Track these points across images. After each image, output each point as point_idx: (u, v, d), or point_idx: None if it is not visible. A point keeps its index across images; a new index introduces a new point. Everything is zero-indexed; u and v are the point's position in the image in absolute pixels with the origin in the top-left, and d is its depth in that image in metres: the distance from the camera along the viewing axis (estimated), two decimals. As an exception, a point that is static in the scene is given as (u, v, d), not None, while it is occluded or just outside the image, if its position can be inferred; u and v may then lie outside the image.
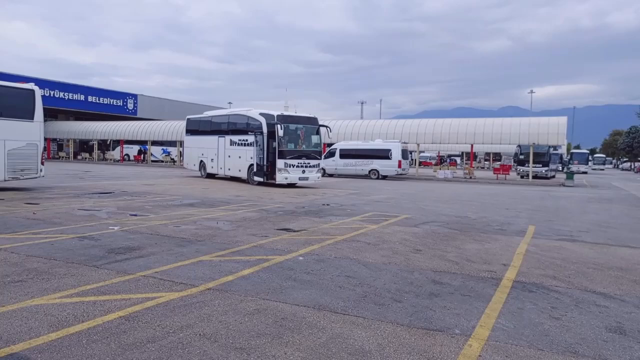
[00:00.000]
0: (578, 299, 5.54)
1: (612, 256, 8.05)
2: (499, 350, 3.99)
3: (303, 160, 20.97)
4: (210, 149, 25.20)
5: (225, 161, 23.98)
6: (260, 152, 21.10)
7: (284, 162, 20.35)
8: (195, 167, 27.29)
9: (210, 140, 25.11)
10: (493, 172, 38.31)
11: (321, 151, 22.54)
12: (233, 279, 5.88)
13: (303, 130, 21.06)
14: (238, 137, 22.83)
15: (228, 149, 23.65)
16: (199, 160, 26.70)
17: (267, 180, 20.88)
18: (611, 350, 4.08)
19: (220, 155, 24.37)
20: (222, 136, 24.21)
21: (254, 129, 21.52)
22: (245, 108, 23.66)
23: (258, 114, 21.35)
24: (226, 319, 4.49)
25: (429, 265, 6.96)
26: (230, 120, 24.16)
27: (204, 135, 25.95)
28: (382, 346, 3.99)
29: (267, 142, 20.58)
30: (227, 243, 8.09)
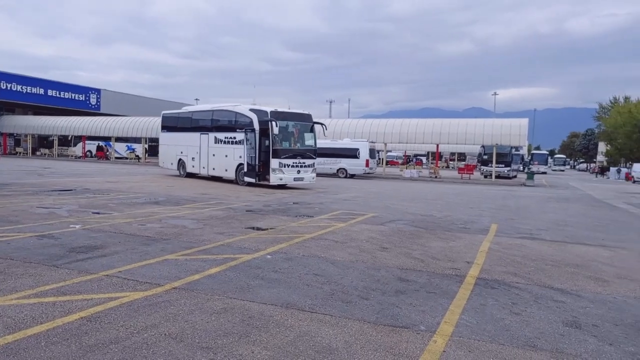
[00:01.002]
0: (537, 294, 5.74)
1: (569, 253, 8.38)
2: (462, 346, 4.09)
3: (298, 159, 19.60)
4: (191, 147, 23.59)
5: (209, 160, 22.43)
6: (251, 150, 19.68)
7: (279, 162, 18.88)
8: (172, 166, 25.64)
9: (191, 137, 23.62)
10: (458, 172, 39.17)
11: (316, 150, 21.19)
12: (199, 277, 5.80)
13: (298, 128, 19.81)
14: (224, 134, 21.38)
15: (212, 147, 22.12)
16: (178, 159, 25.07)
17: (259, 181, 19.56)
18: (567, 344, 4.25)
19: (203, 153, 22.80)
20: (205, 133, 22.67)
21: (243, 126, 20.09)
22: (232, 103, 22.19)
23: (248, 110, 20.05)
24: (192, 319, 4.43)
25: (395, 263, 7.07)
26: (214, 116, 22.62)
27: (184, 132, 24.49)
28: (349, 343, 4.03)
29: (259, 140, 19.22)
30: (194, 242, 7.98)
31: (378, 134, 35.99)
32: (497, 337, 4.32)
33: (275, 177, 19.01)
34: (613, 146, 68.11)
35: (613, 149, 68.49)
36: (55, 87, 51.81)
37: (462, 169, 37.89)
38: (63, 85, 52.83)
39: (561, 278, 6.58)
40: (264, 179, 19.33)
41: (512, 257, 7.79)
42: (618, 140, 64.50)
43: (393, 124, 36.68)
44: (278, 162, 18.91)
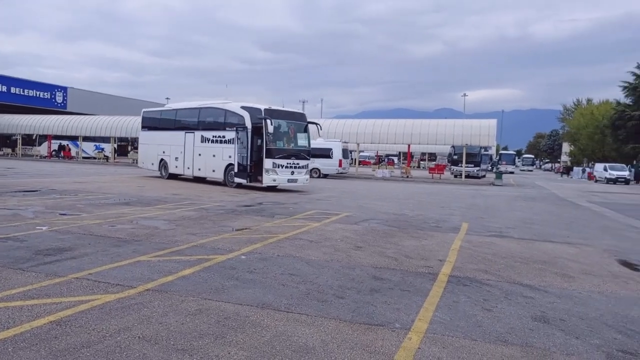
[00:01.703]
0: (507, 291, 5.89)
1: (536, 251, 8.63)
2: (436, 342, 4.17)
3: (292, 160, 18.65)
4: (175, 147, 22.43)
5: (195, 160, 21.36)
6: (242, 150, 18.71)
7: (272, 162, 17.93)
8: (153, 166, 24.35)
9: (175, 136, 22.51)
10: (428, 172, 39.78)
11: (310, 150, 20.25)
12: (173, 279, 5.72)
13: (292, 127, 18.91)
14: (212, 133, 20.31)
15: (198, 146, 21.05)
16: (159, 159, 23.77)
17: (250, 182, 18.67)
18: (536, 338, 4.38)
19: (188, 153, 21.71)
20: (190, 132, 21.63)
21: (233, 125, 19.13)
22: (220, 100, 21.29)
23: (239, 108, 19.14)
24: (167, 320, 4.37)
25: (369, 261, 7.13)
26: (201, 114, 21.55)
27: (166, 131, 23.38)
28: (325, 342, 4.05)
29: (251, 139, 18.31)
30: (166, 243, 7.86)
31: (351, 134, 36.21)
32: (470, 333, 4.42)
33: (269, 178, 18.09)
34: (576, 147, 70.50)
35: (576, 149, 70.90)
36: (19, 84, 50.13)
37: (433, 168, 38.52)
38: (27, 83, 51.16)
39: (530, 275, 6.77)
40: (255, 180, 18.49)
41: (483, 255, 7.97)
42: (581, 141, 66.81)
43: (365, 124, 36.98)
44: (272, 163, 17.96)
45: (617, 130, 52.41)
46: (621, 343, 4.34)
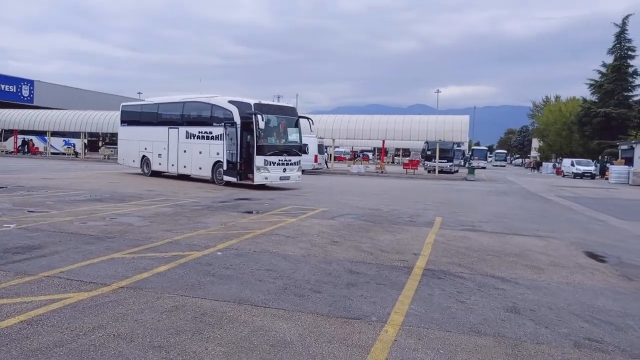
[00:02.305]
0: (480, 283, 6.03)
1: (508, 244, 8.85)
2: (412, 334, 4.25)
3: (284, 156, 17.97)
4: (158, 143, 21.47)
5: (180, 157, 20.46)
6: (232, 147, 17.85)
7: (264, 159, 17.18)
8: (135, 163, 23.37)
9: (157, 132, 21.51)
10: (403, 167, 40.21)
11: (302, 146, 19.77)
12: (148, 276, 5.65)
13: (283, 122, 18.14)
14: (198, 128, 19.48)
15: (183, 142, 20.13)
16: (141, 156, 22.75)
17: (240, 180, 17.82)
18: (508, 328, 4.51)
19: (172, 150, 20.76)
20: (174, 127, 20.70)
21: (221, 120, 18.31)
22: (207, 94, 20.48)
23: (227, 102, 18.31)
24: (142, 318, 4.32)
25: (345, 256, 7.19)
26: (186, 108, 20.64)
27: (148, 126, 22.31)
28: (303, 336, 4.08)
29: (240, 135, 17.49)
30: (140, 239, 7.74)
31: (326, 130, 36.22)
32: (445, 325, 4.52)
33: (260, 176, 17.30)
34: (545, 142, 72.34)
35: (545, 145, 72.75)
36: (-18, 77, 48.31)
37: (407, 164, 38.95)
38: (-9, 76, 49.34)
39: (501, 267, 6.94)
40: (246, 178, 17.67)
41: (457, 249, 8.13)
42: (550, 136, 68.58)
43: (341, 120, 37.07)
44: (263, 160, 17.19)
45: (583, 127, 54.07)
46: (587, 331, 4.51)
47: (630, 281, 6.48)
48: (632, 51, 52.86)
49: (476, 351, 3.95)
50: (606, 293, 5.82)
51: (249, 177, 17.51)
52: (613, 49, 53.35)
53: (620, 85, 51.98)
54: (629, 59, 52.81)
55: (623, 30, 52.50)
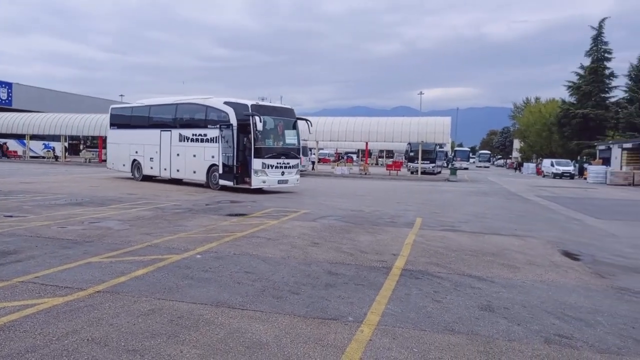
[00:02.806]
0: (457, 282, 6.13)
1: (486, 243, 8.99)
2: (387, 334, 4.30)
3: (282, 159, 17.36)
4: (149, 146, 20.84)
5: (173, 161, 19.80)
6: (228, 149, 17.24)
7: (262, 162, 16.64)
8: (125, 167, 22.64)
9: (149, 134, 20.87)
10: (386, 169, 40.45)
11: (300, 149, 19.25)
12: (125, 280, 5.62)
13: (281, 124, 17.63)
14: (192, 131, 18.89)
15: (176, 145, 19.49)
16: (132, 160, 22.07)
17: (237, 184, 17.17)
18: (482, 326, 4.60)
19: (164, 153, 20.13)
20: (166, 130, 20.07)
21: (216, 122, 17.79)
22: (201, 96, 19.80)
23: (222, 103, 17.74)
24: (117, 322, 4.30)
25: (325, 257, 7.23)
26: (179, 110, 20.06)
27: (139, 129, 21.68)
28: (279, 337, 4.10)
29: (236, 137, 16.90)
30: (119, 243, 7.68)
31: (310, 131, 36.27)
32: (420, 324, 4.59)
33: (258, 180, 16.73)
34: (526, 143, 73.46)
35: (526, 145, 73.88)
36: (-42, 79, 47.26)
37: (390, 165, 39.23)
38: (-33, 78, 48.27)
39: (478, 266, 7.06)
40: (242, 181, 17.09)
41: (435, 249, 8.23)
42: (530, 137, 69.68)
43: (325, 122, 37.14)
44: (261, 163, 16.63)
45: (562, 128, 55.06)
46: (558, 328, 4.62)
47: (602, 279, 6.64)
48: (608, 54, 54.02)
49: (449, 349, 4.02)
50: (578, 290, 5.96)
51: (246, 180, 16.99)
52: (590, 51, 54.45)
53: (598, 87, 53.04)
54: (606, 61, 53.95)
55: (600, 33, 53.62)
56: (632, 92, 49.01)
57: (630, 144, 39.73)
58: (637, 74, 49.43)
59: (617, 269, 7.31)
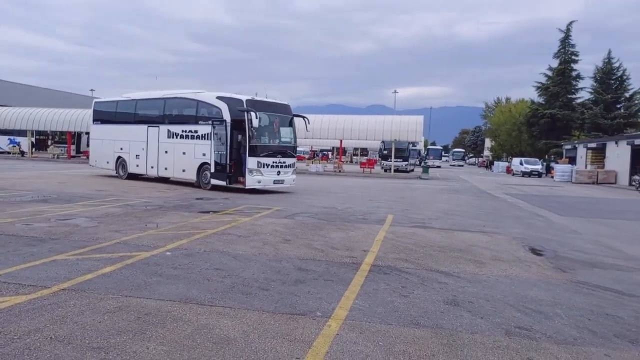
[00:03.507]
0: (424, 278, 6.26)
1: (455, 239, 9.19)
2: (354, 328, 4.38)
3: (279, 158, 16.63)
4: (135, 142, 19.82)
5: (160, 158, 18.82)
6: (220, 147, 16.35)
7: (257, 161, 15.86)
8: (109, 165, 21.57)
9: (135, 130, 19.81)
10: (360, 166, 40.74)
11: (296, 147, 18.59)
12: (92, 277, 5.54)
13: (277, 121, 16.89)
14: (182, 127, 17.95)
15: (165, 142, 18.55)
16: (116, 157, 21.00)
17: (230, 184, 16.32)
18: (446, 320, 4.72)
19: (151, 150, 19.15)
20: (154, 126, 19.05)
21: (208, 118, 16.84)
22: (191, 90, 18.85)
23: (215, 98, 16.82)
24: (82, 320, 4.24)
25: (296, 254, 7.28)
26: (167, 105, 19.03)
27: (125, 125, 20.62)
28: (246, 333, 4.13)
29: (230, 134, 16.04)
30: (87, 240, 7.55)
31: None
32: (387, 318, 4.68)
33: (253, 180, 15.94)
34: (497, 142, 75.08)
35: (497, 144, 75.50)
36: None
37: (364, 163, 39.53)
38: None
39: (446, 262, 7.22)
40: (236, 181, 16.29)
41: (405, 245, 8.38)
42: (501, 136, 71.27)
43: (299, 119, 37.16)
44: (256, 162, 15.83)
45: (531, 127, 56.57)
46: (519, 320, 4.79)
47: (563, 273, 6.89)
48: (575, 56, 55.73)
49: (414, 342, 4.12)
50: (540, 284, 6.17)
51: (240, 180, 16.18)
52: (558, 53, 56.05)
53: (565, 88, 54.67)
54: (573, 63, 55.65)
55: (567, 35, 55.25)
56: (597, 94, 50.72)
57: (595, 143, 41.12)
58: (601, 76, 51.16)
59: (577, 263, 7.59)
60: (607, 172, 36.21)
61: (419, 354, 3.87)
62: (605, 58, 51.60)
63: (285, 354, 3.74)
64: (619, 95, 50.66)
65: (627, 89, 51.27)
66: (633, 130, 46.60)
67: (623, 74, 50.94)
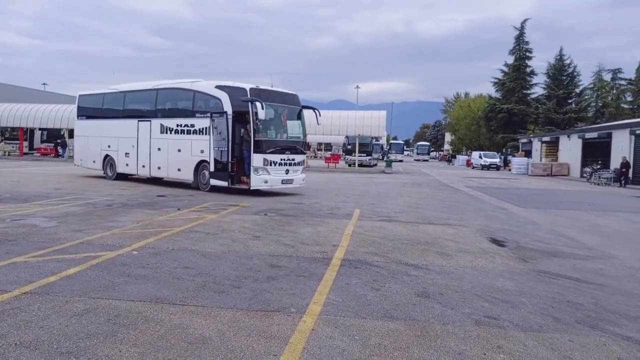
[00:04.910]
0: (394, 271, 6.36)
1: (421, 232, 9.38)
2: (329, 323, 4.41)
3: (287, 155, 14.85)
4: (125, 139, 18.09)
5: (153, 156, 17.06)
6: (221, 143, 14.62)
7: (263, 158, 14.11)
8: (96, 164, 19.81)
9: (124, 125, 18.13)
10: (325, 161, 40.88)
11: (305, 142, 16.77)
12: (56, 279, 5.33)
13: (285, 112, 15.15)
14: (176, 121, 16.16)
15: (157, 138, 16.82)
16: (103, 155, 19.25)
17: (232, 185, 14.64)
18: (418, 312, 4.82)
19: (143, 147, 17.38)
20: (145, 120, 17.33)
21: (206, 110, 15.17)
22: (188, 79, 16.79)
23: (214, 88, 15.08)
24: (48, 324, 4.08)
25: (267, 250, 7.24)
26: (160, 96, 17.15)
27: (112, 119, 18.98)
28: (221, 332, 4.08)
29: (232, 128, 14.38)
30: (47, 241, 7.25)
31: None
32: (360, 312, 4.73)
33: (258, 180, 14.20)
34: (456, 136, 76.97)
35: (456, 138, 77.41)
36: None
37: (329, 158, 39.68)
38: None
39: (414, 255, 7.36)
40: (239, 181, 14.67)
41: (373, 239, 8.48)
42: (460, 131, 73.10)
43: (262, 114, 36.89)
44: (262, 159, 14.08)
45: (489, 122, 58.30)
46: (487, 310, 4.94)
47: (525, 263, 7.16)
48: (529, 52, 57.71)
49: (388, 335, 4.19)
50: (504, 275, 6.39)
51: (244, 180, 14.54)
52: (513, 50, 57.91)
53: (520, 83, 56.59)
54: (527, 59, 57.63)
55: (522, 33, 57.11)
56: (550, 90, 52.81)
57: (549, 137, 42.82)
58: (554, 72, 53.27)
59: (538, 253, 7.90)
60: (560, 164, 37.79)
61: (394, 346, 3.94)
62: (557, 55, 53.79)
63: (262, 351, 3.73)
64: (570, 91, 52.95)
65: (578, 85, 53.71)
66: (583, 124, 48.84)
67: (574, 71, 53.31)
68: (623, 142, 29.77)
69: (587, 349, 4.07)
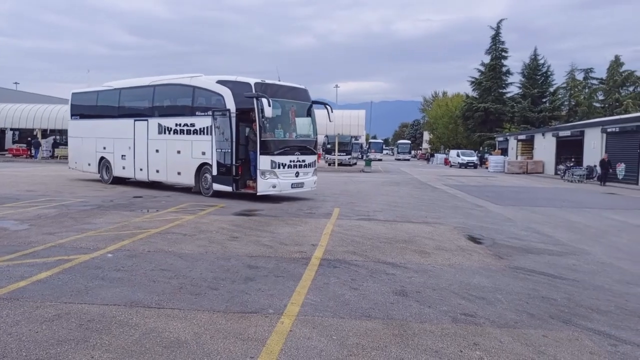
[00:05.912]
0: (372, 270, 6.38)
1: (399, 231, 9.44)
2: (307, 323, 4.39)
3: (297, 156, 13.57)
4: (120, 140, 16.87)
5: (151, 159, 15.83)
6: (224, 144, 13.37)
7: (271, 160, 12.85)
8: (91, 167, 18.54)
9: (120, 126, 16.90)
10: (304, 160, 40.82)
11: (317, 141, 15.49)
12: (26, 284, 5.18)
13: (294, 109, 13.88)
14: (175, 120, 14.93)
15: (155, 139, 15.58)
16: (99, 158, 18.00)
17: (237, 189, 13.37)
18: (396, 310, 4.84)
19: (140, 149, 16.15)
20: (142, 119, 16.08)
21: (208, 108, 13.96)
22: (187, 74, 15.44)
23: (215, 83, 13.80)
24: (18, 330, 3.97)
25: (245, 251, 7.18)
26: (157, 94, 15.93)
27: (108, 119, 17.67)
28: (198, 334, 4.03)
29: (235, 127, 13.16)
30: (17, 245, 7.05)
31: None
32: (338, 312, 4.73)
33: (266, 184, 12.90)
34: (435, 135, 77.73)
35: (435, 137, 78.17)
36: None
37: (309, 157, 39.63)
38: None
39: (392, 253, 7.40)
40: (245, 185, 13.43)
41: (352, 238, 8.50)
42: (438, 129, 73.86)
43: (241, 113, 36.60)
44: (270, 161, 12.83)
45: (467, 121, 59.10)
46: (464, 307, 5.00)
47: (501, 259, 7.27)
48: (505, 52, 58.65)
49: (366, 335, 4.19)
50: (481, 272, 6.47)
51: (250, 185, 13.35)
52: (490, 49, 58.76)
53: (496, 83, 57.48)
54: (503, 59, 58.55)
55: (497, 33, 57.99)
56: (525, 89, 53.76)
57: (524, 135, 43.61)
58: (529, 72, 54.25)
59: (513, 250, 8.03)
60: (535, 162, 38.54)
61: (372, 346, 3.95)
62: (532, 55, 54.78)
63: (239, 354, 3.69)
64: (545, 90, 53.99)
65: (551, 84, 54.80)
66: (557, 122, 49.88)
67: (547, 70, 54.37)
68: (595, 140, 30.52)
69: (560, 343, 4.14)
